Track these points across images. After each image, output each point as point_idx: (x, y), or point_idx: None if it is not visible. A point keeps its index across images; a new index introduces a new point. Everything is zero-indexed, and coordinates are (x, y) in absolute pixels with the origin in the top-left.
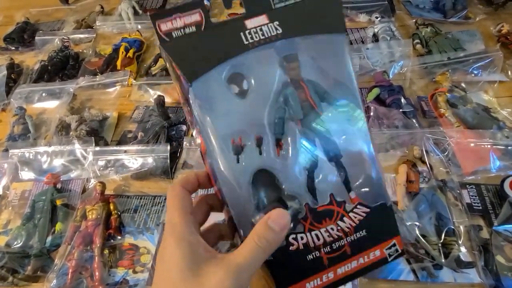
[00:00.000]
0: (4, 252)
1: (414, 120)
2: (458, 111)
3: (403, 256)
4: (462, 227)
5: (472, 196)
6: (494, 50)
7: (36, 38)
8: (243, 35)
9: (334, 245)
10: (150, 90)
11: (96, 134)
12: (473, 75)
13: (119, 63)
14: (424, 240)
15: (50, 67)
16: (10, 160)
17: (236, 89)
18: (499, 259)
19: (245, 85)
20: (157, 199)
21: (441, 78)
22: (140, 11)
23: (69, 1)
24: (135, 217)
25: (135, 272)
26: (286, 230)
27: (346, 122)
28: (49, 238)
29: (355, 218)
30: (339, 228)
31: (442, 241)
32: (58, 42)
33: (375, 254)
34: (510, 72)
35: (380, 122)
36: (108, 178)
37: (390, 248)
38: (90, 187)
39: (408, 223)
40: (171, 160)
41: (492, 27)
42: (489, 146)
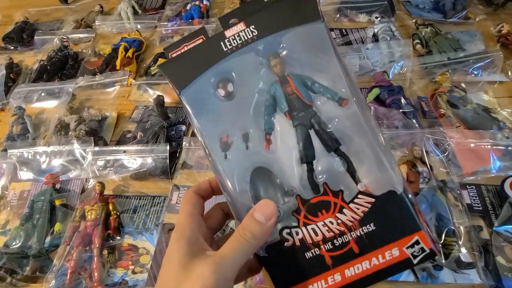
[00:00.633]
0: (2, 252)
1: (414, 121)
2: (458, 112)
3: (436, 256)
4: (462, 228)
5: (472, 196)
6: (494, 50)
7: (35, 37)
8: (222, 44)
9: (336, 241)
10: (150, 90)
11: (95, 134)
12: (473, 75)
13: (118, 63)
14: None
15: (49, 67)
16: (9, 160)
17: (222, 92)
18: (500, 259)
19: (230, 87)
20: (156, 200)
21: (441, 79)
22: (140, 11)
23: (68, 0)
24: (134, 217)
25: (134, 272)
26: (272, 220)
27: (336, 108)
28: (48, 239)
29: (358, 209)
30: (339, 221)
31: (442, 241)
32: (57, 42)
33: (392, 254)
34: (510, 73)
35: (380, 123)
36: (107, 178)
37: (412, 246)
38: (89, 187)
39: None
40: (170, 160)
41: (492, 27)
42: (489, 147)
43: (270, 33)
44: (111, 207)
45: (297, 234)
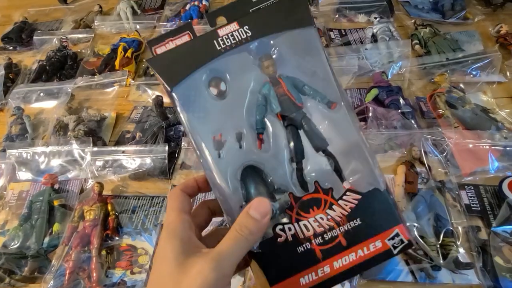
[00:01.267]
0: (1, 253)
1: (413, 121)
2: (457, 112)
3: (412, 247)
4: (460, 228)
5: (471, 197)
6: (493, 51)
7: (34, 37)
8: (215, 42)
9: (326, 235)
10: (149, 90)
11: (94, 134)
12: (471, 75)
13: (117, 63)
14: (422, 241)
15: (48, 67)
16: (8, 161)
17: (215, 91)
18: (498, 260)
19: (222, 86)
20: (155, 200)
21: (439, 79)
22: (139, 11)
23: (67, 1)
24: (133, 217)
25: (132, 273)
26: (267, 217)
27: (326, 110)
28: (46, 239)
29: (346, 206)
30: (329, 217)
31: (440, 242)
32: (56, 42)
33: (375, 246)
34: (508, 73)
35: (379, 123)
36: (106, 178)
37: (393, 238)
38: (88, 187)
39: (407, 224)
40: (169, 160)
41: (491, 27)
42: (487, 147)
43: (263, 34)
44: (109, 208)
45: (289, 230)
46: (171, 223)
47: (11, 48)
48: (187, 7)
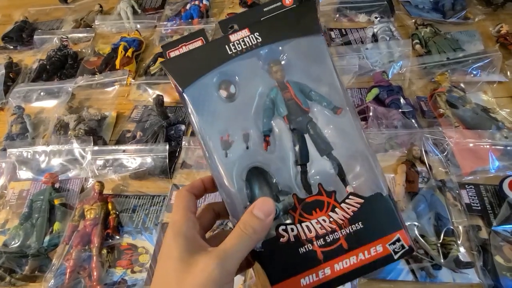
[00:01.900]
0: (1, 252)
1: (413, 120)
2: (457, 111)
3: (413, 253)
4: (461, 227)
5: (471, 196)
6: (493, 50)
7: (34, 37)
8: (227, 47)
9: (328, 238)
10: (149, 90)
11: (95, 133)
12: (472, 75)
13: (118, 62)
14: (423, 240)
15: (48, 66)
16: (8, 160)
17: (225, 93)
18: (498, 259)
19: (232, 89)
20: (155, 199)
21: (440, 78)
22: (139, 11)
23: (68, 0)
24: (134, 217)
25: (133, 272)
26: (270, 216)
27: (332, 115)
28: (47, 238)
29: (349, 209)
30: (331, 220)
31: (441, 241)
32: (57, 41)
33: (376, 250)
34: (509, 73)
35: (379, 122)
36: (107, 177)
37: (394, 243)
38: (88, 186)
39: (407, 223)
40: (169, 159)
41: (491, 27)
42: (488, 146)
43: (273, 41)
44: (110, 207)
45: (292, 230)
46: (177, 221)
47: (12, 47)
48: (188, 6)
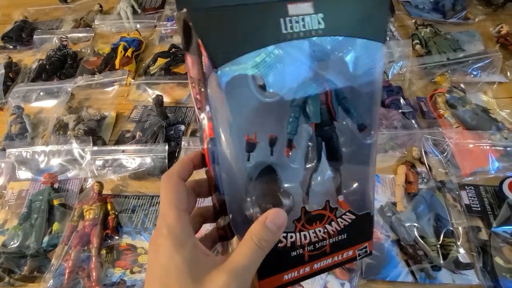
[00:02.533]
0: (0, 252)
1: (413, 121)
2: (457, 112)
3: (370, 255)
4: (460, 228)
5: (471, 197)
6: (493, 51)
7: (34, 37)
8: (283, 22)
9: (317, 244)
10: (149, 90)
11: (94, 133)
12: (472, 76)
13: (117, 62)
14: (422, 241)
15: (48, 66)
16: (7, 160)
17: (261, 81)
18: (498, 260)
19: (270, 78)
20: (155, 199)
21: (440, 79)
22: (139, 10)
23: (67, 0)
24: (133, 217)
25: (132, 272)
26: (283, 229)
27: (354, 132)
28: (46, 238)
29: (341, 223)
30: (325, 230)
31: (440, 242)
32: (57, 41)
33: (348, 254)
34: (509, 73)
35: (379, 123)
36: (106, 178)
37: (361, 249)
38: (87, 187)
39: (407, 224)
40: (169, 160)
41: (492, 28)
42: (488, 147)
43: (337, 34)
44: (109, 207)
45: (291, 237)
46: (173, 226)
47: (11, 47)
48: None
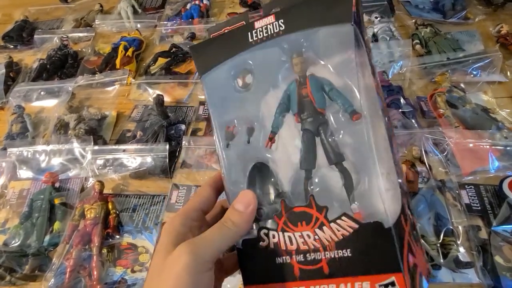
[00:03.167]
0: (2, 251)
1: (413, 120)
2: (457, 112)
3: None
4: (460, 227)
5: (471, 196)
6: (493, 50)
7: (35, 36)
8: (249, 34)
9: (308, 256)
10: (149, 89)
11: (95, 133)
12: (472, 75)
13: (118, 62)
14: (422, 240)
15: (49, 66)
16: (8, 159)
17: (240, 83)
18: (498, 259)
19: (248, 79)
20: (155, 199)
21: (440, 79)
22: (140, 10)
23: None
24: (134, 216)
25: (133, 271)
26: (250, 208)
27: (347, 121)
28: (47, 237)
29: (338, 231)
30: (316, 237)
31: (440, 241)
32: (57, 41)
33: (362, 287)
34: (509, 73)
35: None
36: (107, 177)
37: (386, 286)
38: (88, 186)
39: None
40: (170, 159)
41: (491, 27)
42: (488, 147)
43: (296, 30)
44: (110, 206)
45: (273, 237)
46: (174, 218)
47: (12, 46)
48: (188, 6)
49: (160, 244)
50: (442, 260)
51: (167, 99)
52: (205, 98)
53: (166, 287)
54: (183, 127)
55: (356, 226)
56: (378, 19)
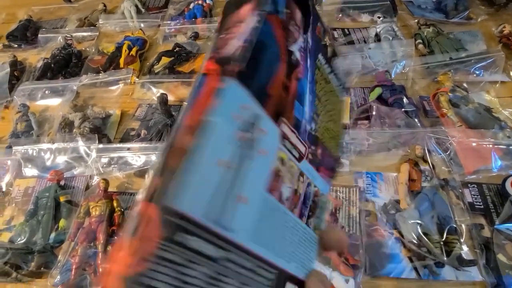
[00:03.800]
0: (7, 248)
1: (416, 120)
2: (460, 111)
3: None
4: (464, 226)
5: (474, 195)
6: (496, 50)
7: (39, 35)
8: None
9: None
10: (153, 88)
11: (99, 131)
12: (475, 75)
13: (122, 61)
14: (426, 239)
15: (53, 65)
16: (14, 157)
17: None
18: (501, 257)
19: None
20: None
21: (443, 78)
22: (143, 10)
23: None
24: None
25: None
26: None
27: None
28: (52, 235)
29: None
30: None
31: (444, 239)
32: (61, 40)
33: None
34: (511, 73)
35: (382, 122)
36: (111, 175)
37: None
38: (93, 184)
39: (410, 222)
40: None
41: (494, 27)
42: (490, 146)
43: None
44: (115, 204)
45: None
46: None
47: (16, 46)
48: (191, 5)
49: None
50: (445, 258)
51: (170, 98)
52: None
53: None
54: None
55: None
56: (381, 19)
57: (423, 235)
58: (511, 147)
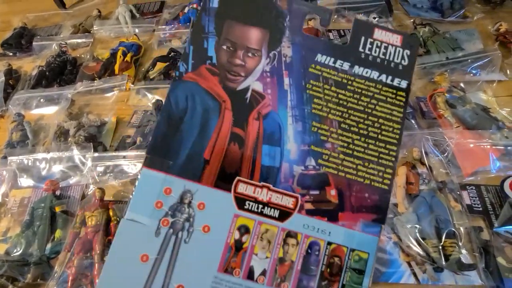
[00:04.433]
0: (3, 260)
1: (413, 121)
2: (457, 112)
3: None
4: (462, 229)
5: (472, 197)
6: (493, 49)
7: (33, 43)
8: None
9: None
10: (148, 95)
11: (95, 139)
12: (471, 75)
13: (117, 67)
14: (424, 243)
15: (48, 73)
16: (9, 167)
17: None
18: (500, 260)
19: None
20: None
21: (439, 79)
22: (137, 15)
23: (66, 5)
24: None
25: None
26: None
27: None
28: (48, 246)
29: None
30: None
31: (442, 243)
32: (56, 47)
33: None
34: (508, 71)
35: None
36: (107, 184)
37: None
38: (89, 193)
39: (408, 226)
40: None
41: (490, 26)
42: (488, 147)
43: None
44: (111, 213)
45: None
46: None
47: (11, 54)
48: (186, 10)
49: None
50: (444, 263)
51: None
52: None
53: None
54: None
55: None
56: (377, 19)
57: (421, 239)
58: (509, 148)
